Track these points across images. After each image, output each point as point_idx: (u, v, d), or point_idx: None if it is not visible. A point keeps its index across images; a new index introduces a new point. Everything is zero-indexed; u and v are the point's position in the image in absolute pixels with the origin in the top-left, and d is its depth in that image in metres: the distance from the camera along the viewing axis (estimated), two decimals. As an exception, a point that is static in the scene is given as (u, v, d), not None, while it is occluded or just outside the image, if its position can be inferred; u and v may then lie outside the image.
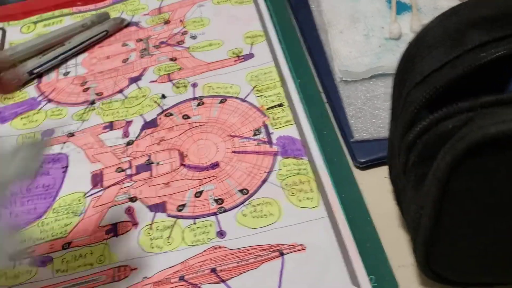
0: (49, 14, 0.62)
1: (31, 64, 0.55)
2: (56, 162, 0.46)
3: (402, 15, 0.53)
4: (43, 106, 0.52)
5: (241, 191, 0.42)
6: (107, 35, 0.57)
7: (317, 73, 0.51)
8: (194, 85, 0.50)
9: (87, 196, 0.43)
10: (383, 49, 0.50)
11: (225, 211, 0.41)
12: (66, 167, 0.46)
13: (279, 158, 0.43)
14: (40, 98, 0.52)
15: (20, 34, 0.60)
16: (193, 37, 0.55)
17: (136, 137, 0.47)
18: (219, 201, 0.41)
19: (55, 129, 0.49)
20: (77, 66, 0.55)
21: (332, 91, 0.48)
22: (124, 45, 0.56)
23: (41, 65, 0.55)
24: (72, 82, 0.53)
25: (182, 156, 0.45)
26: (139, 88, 0.51)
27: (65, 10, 0.62)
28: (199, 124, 0.47)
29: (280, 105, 0.47)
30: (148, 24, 0.58)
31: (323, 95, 0.48)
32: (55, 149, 0.47)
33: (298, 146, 0.44)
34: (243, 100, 0.48)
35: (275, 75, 0.50)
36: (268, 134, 0.45)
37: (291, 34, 0.54)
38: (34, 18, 0.62)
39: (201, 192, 0.42)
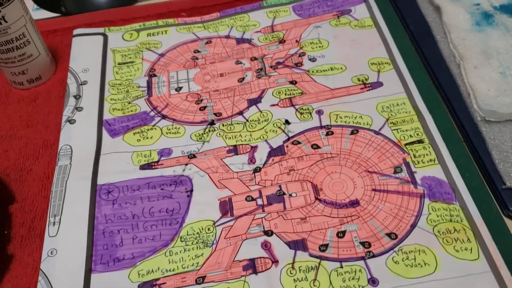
0: (152, 22, 0.60)
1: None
2: (179, 184, 0.44)
3: (540, 53, 0.50)
4: (157, 122, 0.49)
5: (388, 235, 0.39)
6: (218, 50, 0.55)
7: (449, 108, 0.48)
8: (320, 112, 0.48)
9: (217, 226, 0.41)
10: (524, 89, 0.47)
11: (373, 256, 0.38)
12: (191, 191, 0.43)
13: (426, 201, 0.40)
14: (152, 113, 0.50)
15: (122, 41, 0.58)
16: (312, 60, 0.53)
17: (263, 164, 0.44)
18: (365, 244, 0.38)
19: (173, 148, 0.47)
20: (190, 82, 0.53)
21: (471, 131, 0.45)
22: (238, 63, 0.54)
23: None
24: (186, 98, 0.51)
25: (316, 189, 0.42)
26: (260, 111, 0.49)
27: (170, 21, 0.60)
28: (331, 155, 0.44)
29: (420, 141, 0.44)
30: (261, 42, 0.56)
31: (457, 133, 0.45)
32: (177, 170, 0.45)
33: (446, 189, 0.41)
34: (377, 133, 0.45)
35: (409, 107, 0.47)
36: (411, 173, 0.42)
37: (417, 64, 0.51)
38: (136, 25, 0.60)
39: (343, 233, 0.39)
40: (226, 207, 0.42)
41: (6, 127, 0.51)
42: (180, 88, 0.52)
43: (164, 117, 0.49)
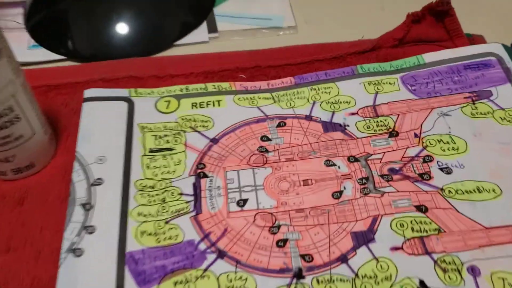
0: (198, 86, 0.41)
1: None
2: None
3: None
4: (211, 264, 0.31)
5: None
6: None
7: None
8: (474, 272, 0.30)
9: None
10: None
11: None
12: None
13: None
14: (203, 246, 0.31)
15: (155, 112, 0.40)
16: (446, 171, 0.35)
17: None
18: None
19: (240, 319, 0.28)
20: (258, 190, 0.34)
21: None
22: (329, 164, 0.36)
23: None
24: (253, 221, 0.33)
25: None
26: (375, 258, 0.30)
27: (224, 85, 0.41)
28: None
29: None
30: (361, 131, 0.37)
31: None
32: None
33: None
34: None
35: None
36: None
37: None
38: (175, 88, 0.41)
39: None
40: None
41: (-27, 249, 0.33)
42: (245, 201, 0.34)
43: (221, 254, 0.31)
